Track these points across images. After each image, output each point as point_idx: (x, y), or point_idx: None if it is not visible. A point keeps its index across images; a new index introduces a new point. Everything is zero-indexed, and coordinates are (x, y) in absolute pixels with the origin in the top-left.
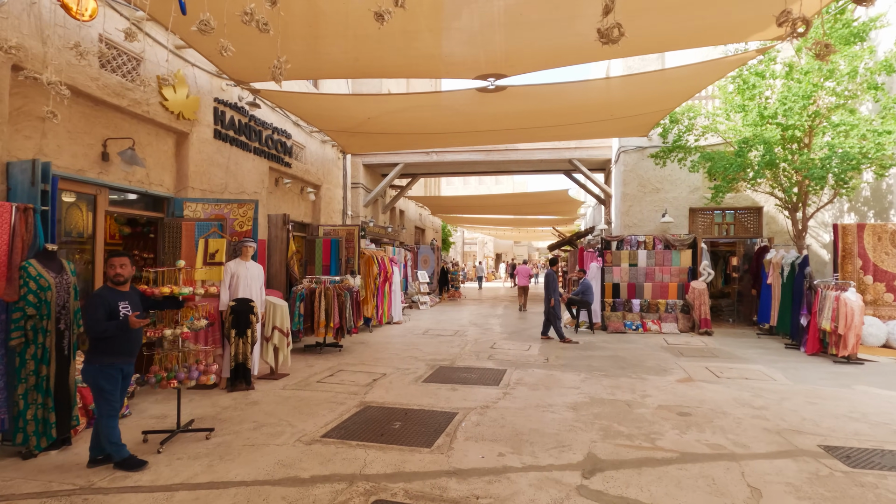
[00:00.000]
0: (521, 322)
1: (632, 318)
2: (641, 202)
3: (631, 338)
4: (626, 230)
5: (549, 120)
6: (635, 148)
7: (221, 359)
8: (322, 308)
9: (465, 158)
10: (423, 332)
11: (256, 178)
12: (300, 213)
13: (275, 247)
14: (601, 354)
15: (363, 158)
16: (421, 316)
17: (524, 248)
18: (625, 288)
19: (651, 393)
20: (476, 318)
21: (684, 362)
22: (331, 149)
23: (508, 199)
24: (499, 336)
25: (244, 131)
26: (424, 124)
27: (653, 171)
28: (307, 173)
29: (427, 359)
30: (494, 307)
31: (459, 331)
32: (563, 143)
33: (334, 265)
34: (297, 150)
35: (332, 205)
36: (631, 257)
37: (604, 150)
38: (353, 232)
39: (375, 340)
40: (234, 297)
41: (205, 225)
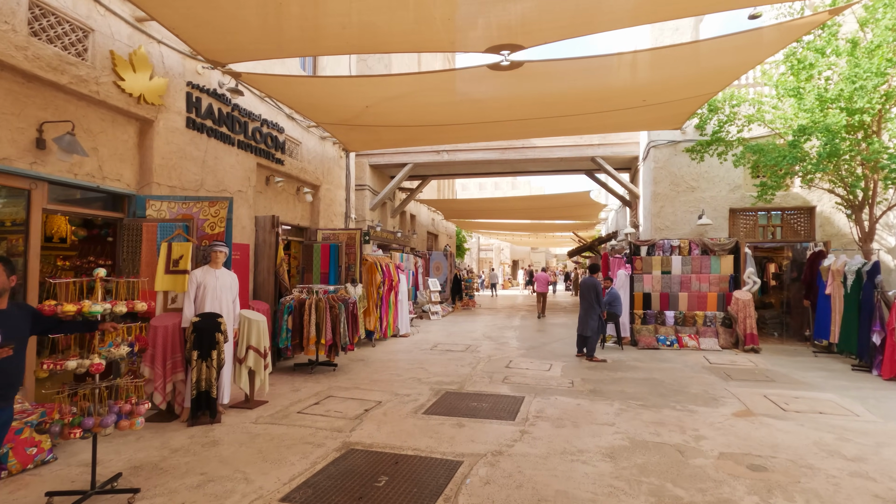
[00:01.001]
0: (539, 335)
1: (665, 332)
2: (674, 202)
3: (666, 355)
4: (656, 233)
5: (569, 108)
6: (667, 142)
7: (185, 385)
8: (312, 322)
9: (479, 157)
10: (431, 348)
11: (241, 174)
12: (296, 215)
13: (262, 252)
14: (635, 377)
15: (369, 158)
16: (431, 327)
17: (541, 255)
18: (657, 298)
19: (706, 433)
20: (490, 329)
21: (736, 388)
22: (331, 146)
23: (525, 202)
24: (515, 352)
25: (226, 122)
26: (431, 114)
27: (687, 167)
28: (303, 172)
29: (432, 381)
30: (510, 317)
31: (472, 345)
32: (586, 140)
33: (333, 273)
34: (292, 146)
35: (332, 207)
36: (664, 264)
37: (630, 146)
38: (355, 236)
39: (377, 357)
40: (200, 312)
41: (168, 226)
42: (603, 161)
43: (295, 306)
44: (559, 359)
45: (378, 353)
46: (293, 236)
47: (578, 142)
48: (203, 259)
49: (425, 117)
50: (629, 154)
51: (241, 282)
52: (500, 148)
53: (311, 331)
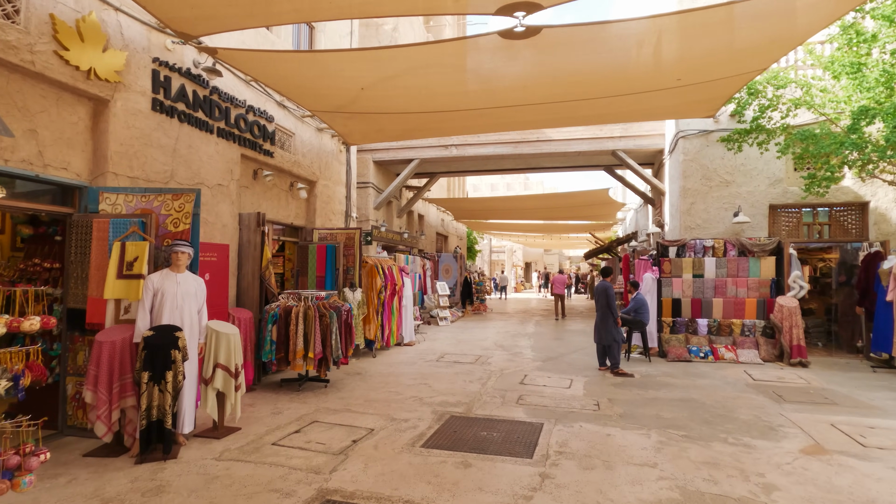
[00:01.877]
0: (556, 343)
1: (698, 342)
2: (706, 198)
3: (700, 369)
4: (686, 233)
5: (592, 89)
6: (698, 132)
7: (136, 412)
8: (299, 333)
9: (490, 152)
10: (437, 359)
11: (221, 166)
12: (289, 213)
13: (247, 254)
14: (670, 396)
15: (373, 154)
16: (438, 335)
17: (555, 257)
18: (687, 304)
19: (775, 479)
20: (503, 337)
21: (794, 413)
22: (329, 139)
23: (539, 200)
24: (531, 364)
25: (203, 106)
26: (435, 99)
27: (720, 159)
28: (297, 166)
29: (436, 401)
30: (524, 323)
31: (482, 356)
32: (606, 132)
33: (330, 276)
34: (284, 137)
35: (330, 205)
36: (695, 266)
37: (654, 139)
38: (354, 236)
39: (376, 370)
40: (157, 324)
41: (122, 223)
42: (625, 155)
43: (280, 315)
44: (580, 373)
45: (378, 365)
46: (287, 236)
47: (598, 133)
48: (165, 262)
49: (429, 102)
50: (653, 147)
51: (219, 287)
52: (512, 142)
53: (297, 343)
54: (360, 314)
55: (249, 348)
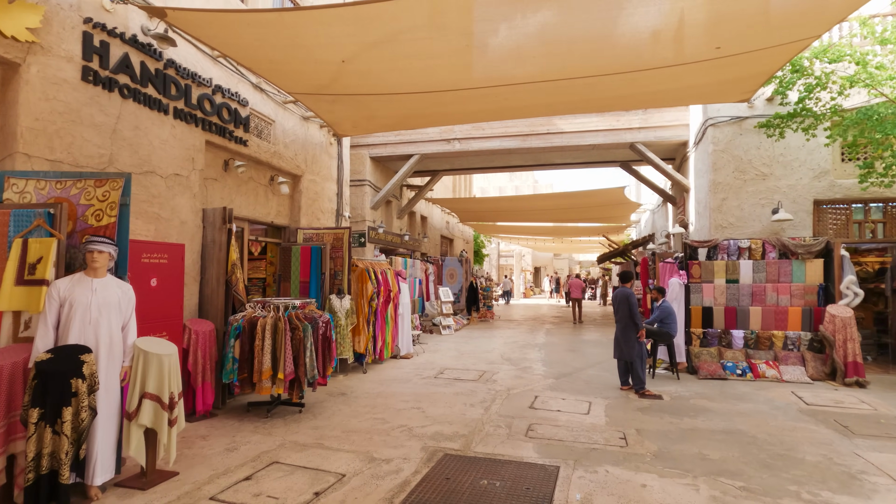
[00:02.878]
0: (570, 356)
1: (733, 357)
2: (740, 194)
3: (739, 389)
4: (717, 232)
5: (612, 62)
6: (730, 119)
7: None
8: (266, 349)
9: (496, 146)
10: (435, 375)
11: (179, 153)
12: (268, 210)
13: (211, 255)
14: (711, 426)
15: (370, 150)
16: (440, 345)
17: (564, 262)
18: (720, 313)
19: None
20: (511, 348)
21: (873, 453)
22: (317, 130)
23: (550, 200)
24: (542, 381)
25: (155, 82)
26: (431, 74)
27: (756, 150)
28: (278, 158)
29: (428, 432)
30: (534, 331)
31: (487, 372)
32: (623, 122)
33: (315, 282)
34: (261, 124)
35: (318, 202)
36: (729, 270)
37: (676, 129)
38: (342, 236)
39: (364, 390)
40: (62, 344)
41: (25, 215)
42: (644, 148)
43: (244, 327)
44: (599, 393)
45: (367, 383)
46: (269, 237)
47: (615, 124)
48: (83, 264)
49: (424, 79)
50: (675, 139)
51: (170, 294)
52: (520, 134)
53: (264, 361)
54: (348, 324)
55: (210, 367)
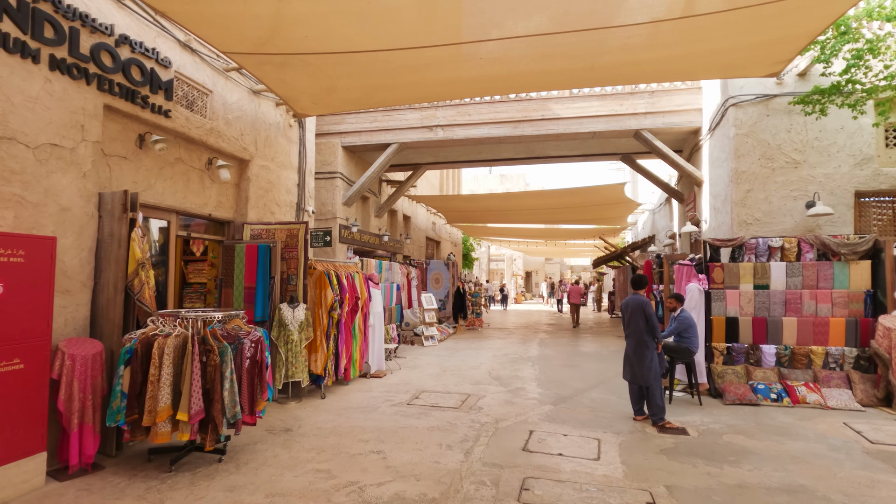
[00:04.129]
0: (568, 372)
1: (764, 377)
2: (767, 184)
3: (779, 419)
4: (740, 229)
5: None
6: (755, 98)
7: None
8: (163, 380)
9: (484, 134)
10: (409, 400)
11: (59, 117)
12: (205, 200)
13: (108, 254)
14: (762, 481)
15: (342, 138)
16: (420, 359)
17: (556, 266)
18: (747, 325)
19: None
20: (500, 362)
21: None
22: (272, 108)
23: (543, 199)
24: (537, 408)
25: (17, 17)
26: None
27: (786, 133)
28: (216, 136)
29: (385, 496)
30: (526, 341)
31: (471, 395)
32: (628, 107)
33: (263, 287)
34: (192, 93)
35: (273, 193)
36: (758, 274)
37: (688, 115)
38: (297, 232)
39: (315, 424)
40: None
41: None
42: (650, 136)
43: (136, 351)
44: (608, 426)
45: (322, 412)
46: (210, 234)
47: (617, 109)
48: None
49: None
50: (686, 126)
51: (26, 305)
52: (511, 121)
53: (159, 397)
54: (302, 340)
55: (94, 403)
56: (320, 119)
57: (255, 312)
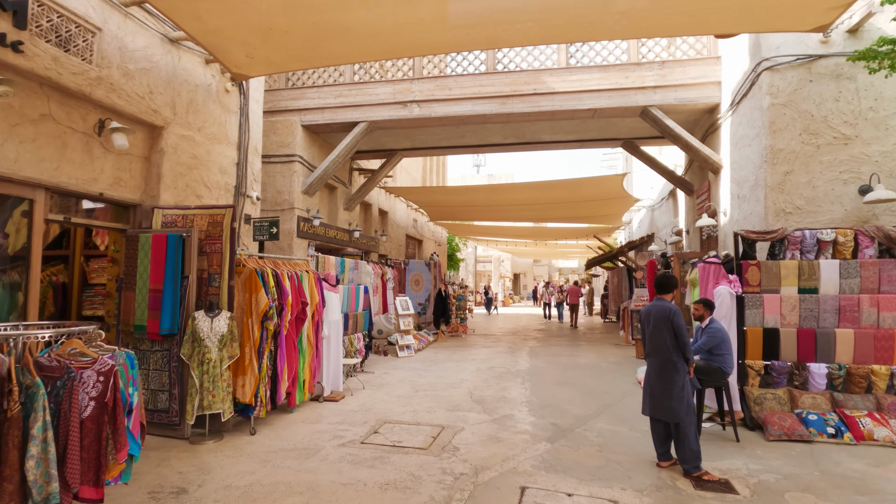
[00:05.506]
0: (566, 392)
1: (813, 404)
2: (811, 165)
3: (845, 463)
4: (776, 220)
5: None
6: (795, 60)
7: None
8: None
9: (467, 111)
10: (364, 437)
11: None
12: (92, 175)
13: None
14: None
15: (301, 116)
16: (390, 375)
17: (544, 268)
18: (790, 338)
19: None
20: (485, 379)
21: None
22: (199, 64)
23: (533, 192)
24: (530, 450)
25: None
26: None
27: (834, 102)
28: (107, 90)
29: None
30: (514, 351)
31: (446, 428)
32: (634, 80)
33: (173, 289)
34: (67, 27)
35: (200, 172)
36: (804, 274)
37: (704, 89)
38: (222, 219)
39: (224, 480)
40: None
41: None
42: (660, 113)
43: None
44: (626, 477)
45: (244, 459)
46: (107, 220)
47: (622, 82)
48: None
49: None
50: (701, 102)
51: None
52: (499, 96)
53: None
54: (223, 358)
55: None
56: (276, 94)
57: (160, 322)
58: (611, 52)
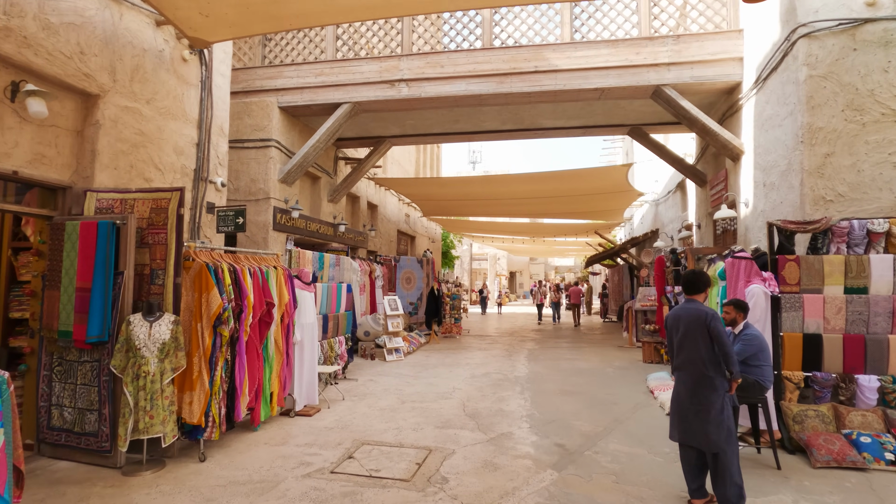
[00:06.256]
0: (570, 403)
1: (863, 422)
2: (855, 146)
3: None
4: (815, 208)
5: None
6: (837, 26)
7: None
8: None
9: (460, 90)
10: (335, 465)
11: None
12: (4, 148)
13: None
14: None
15: (279, 97)
16: (375, 383)
17: (540, 266)
18: (836, 346)
19: None
20: (479, 387)
21: None
22: (149, 26)
23: (531, 185)
24: (532, 481)
25: None
26: None
27: (882, 74)
28: (18, 44)
29: None
30: (512, 354)
31: (434, 451)
32: (646, 56)
33: (102, 289)
34: None
35: (149, 150)
36: (851, 270)
37: (724, 66)
38: (167, 204)
39: None
40: None
41: None
42: (674, 93)
43: None
44: None
45: (183, 497)
46: (33, 205)
47: (633, 59)
48: None
49: None
50: (720, 80)
51: None
52: (496, 74)
53: None
54: (164, 371)
55: None
56: (251, 73)
57: (88, 328)
58: (620, 25)
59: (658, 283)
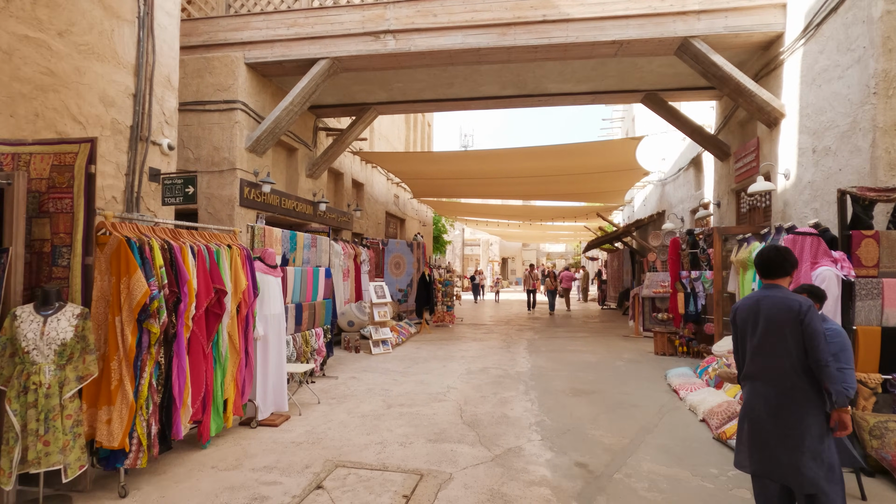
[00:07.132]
0: (586, 405)
1: None
2: None
3: None
4: (888, 174)
5: None
6: None
7: None
8: None
9: (456, 44)
10: (296, 500)
11: None
12: None
13: None
14: None
15: (246, 51)
16: (358, 380)
17: (532, 253)
18: None
19: None
20: (477, 386)
21: None
22: None
23: (529, 161)
24: None
25: None
26: None
27: None
28: None
29: None
30: (510, 345)
31: (425, 477)
32: (672, 2)
33: None
34: None
35: (62, 96)
36: None
37: (763, 13)
38: (75, 160)
39: None
40: None
41: None
42: (704, 46)
43: None
44: None
45: None
46: None
47: (657, 6)
48: None
49: None
50: (758, 31)
51: None
52: (498, 24)
53: None
54: (64, 382)
55: None
56: (213, 23)
57: None
58: None
59: (672, 267)
